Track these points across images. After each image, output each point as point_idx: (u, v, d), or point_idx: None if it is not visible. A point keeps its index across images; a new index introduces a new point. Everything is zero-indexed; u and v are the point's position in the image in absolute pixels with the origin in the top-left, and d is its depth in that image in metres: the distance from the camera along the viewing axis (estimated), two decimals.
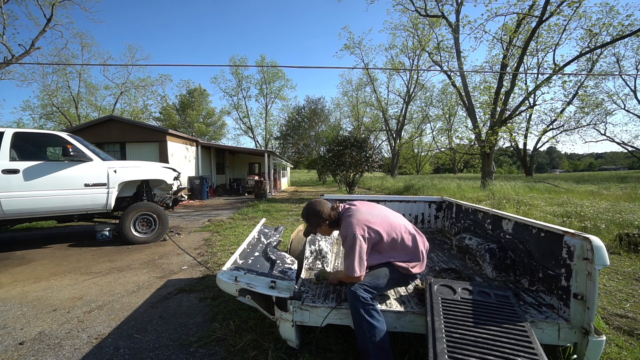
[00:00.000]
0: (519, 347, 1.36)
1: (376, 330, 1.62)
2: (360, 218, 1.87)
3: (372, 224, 1.85)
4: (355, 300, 1.68)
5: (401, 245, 1.91)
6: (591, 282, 1.51)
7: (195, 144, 13.94)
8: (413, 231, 2.00)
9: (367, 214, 1.91)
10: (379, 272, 1.87)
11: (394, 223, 1.94)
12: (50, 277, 3.52)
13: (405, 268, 1.90)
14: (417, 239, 1.97)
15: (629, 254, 3.96)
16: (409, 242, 1.93)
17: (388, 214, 2.01)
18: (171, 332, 2.25)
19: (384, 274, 1.86)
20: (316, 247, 2.62)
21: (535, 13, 11.61)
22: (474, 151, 17.00)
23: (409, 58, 26.55)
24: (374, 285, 1.77)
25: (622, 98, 26.05)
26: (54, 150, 5.53)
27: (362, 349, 1.65)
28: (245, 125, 37.87)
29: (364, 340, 1.63)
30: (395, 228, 1.92)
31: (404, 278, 1.95)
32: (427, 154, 43.20)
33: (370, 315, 1.65)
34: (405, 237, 1.93)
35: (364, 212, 1.92)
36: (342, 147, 12.01)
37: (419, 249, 1.95)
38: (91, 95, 27.77)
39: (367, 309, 1.66)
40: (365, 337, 1.62)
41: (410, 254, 1.93)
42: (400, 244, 1.90)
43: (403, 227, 1.95)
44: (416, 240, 1.96)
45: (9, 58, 15.22)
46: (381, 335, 1.62)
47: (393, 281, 1.89)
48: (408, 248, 1.93)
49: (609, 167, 68.10)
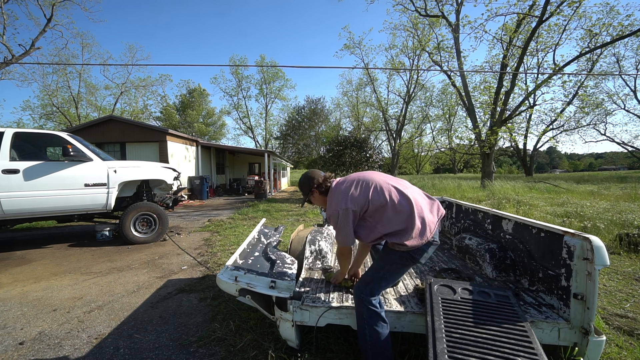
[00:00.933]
0: (519, 347, 1.36)
1: (379, 336, 1.59)
2: (343, 190, 1.76)
3: (355, 194, 1.71)
4: (361, 305, 1.65)
5: (392, 211, 1.66)
6: (591, 282, 1.51)
7: (195, 144, 13.94)
8: (409, 193, 1.71)
9: (352, 184, 1.77)
10: (377, 264, 1.81)
11: (381, 188, 1.71)
12: (50, 277, 3.52)
13: (399, 244, 1.64)
14: (410, 201, 1.67)
15: (629, 254, 3.96)
16: (399, 207, 1.66)
17: (378, 179, 1.78)
18: (171, 332, 2.25)
19: (384, 264, 1.76)
20: (316, 247, 2.62)
21: (535, 13, 11.62)
22: (474, 151, 17.01)
23: (409, 58, 26.59)
24: (378, 280, 1.70)
25: (622, 98, 26.10)
26: (54, 150, 5.53)
27: (363, 350, 1.64)
28: (245, 125, 37.89)
29: (364, 344, 1.62)
30: (382, 193, 1.69)
31: (407, 257, 1.70)
32: (427, 154, 43.19)
33: (374, 322, 1.61)
34: (395, 200, 1.67)
35: (349, 183, 1.79)
36: (342, 147, 12.02)
37: (414, 213, 1.64)
38: (91, 95, 27.78)
39: (370, 314, 1.61)
40: (365, 341, 1.62)
41: (405, 221, 1.64)
42: (390, 210, 1.66)
43: (393, 192, 1.70)
44: (408, 202, 1.67)
45: (9, 58, 15.23)
46: (383, 341, 1.60)
47: (397, 265, 1.73)
48: (400, 214, 1.66)
49: (609, 167, 68.09)
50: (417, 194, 1.80)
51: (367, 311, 1.62)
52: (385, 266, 1.75)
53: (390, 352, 1.62)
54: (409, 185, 1.82)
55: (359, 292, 1.68)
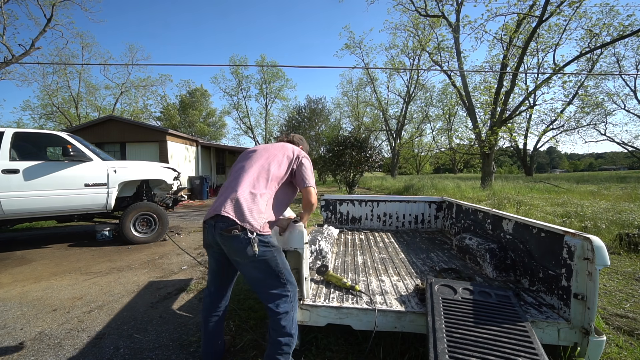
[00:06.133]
0: (519, 347, 1.36)
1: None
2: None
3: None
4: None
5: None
6: (591, 282, 1.51)
7: (195, 144, 13.93)
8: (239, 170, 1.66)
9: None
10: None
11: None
12: (50, 277, 3.52)
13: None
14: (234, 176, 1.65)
15: (629, 254, 3.96)
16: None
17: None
18: (171, 332, 2.25)
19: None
20: (316, 247, 2.62)
21: (535, 13, 11.61)
22: (474, 151, 17.01)
23: (409, 58, 26.58)
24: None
25: (622, 98, 26.06)
26: (54, 150, 5.53)
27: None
28: (245, 125, 37.82)
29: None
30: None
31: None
32: (427, 154, 43.18)
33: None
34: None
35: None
36: (342, 147, 12.00)
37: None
38: (91, 95, 27.75)
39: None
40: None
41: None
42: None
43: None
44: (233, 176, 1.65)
45: (9, 58, 15.21)
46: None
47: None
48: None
49: (609, 167, 68.11)
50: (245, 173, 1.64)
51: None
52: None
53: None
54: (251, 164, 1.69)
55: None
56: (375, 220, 4.22)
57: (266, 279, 1.51)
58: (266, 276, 1.51)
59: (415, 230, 4.10)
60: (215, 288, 1.71)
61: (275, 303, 1.51)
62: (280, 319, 1.50)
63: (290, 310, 1.55)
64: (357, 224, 4.24)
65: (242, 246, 1.42)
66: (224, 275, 1.69)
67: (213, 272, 1.70)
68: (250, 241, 1.41)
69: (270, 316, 1.53)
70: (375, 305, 1.78)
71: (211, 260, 1.68)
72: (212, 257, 1.66)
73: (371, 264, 2.62)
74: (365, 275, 2.34)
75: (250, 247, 1.41)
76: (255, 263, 1.47)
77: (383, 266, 2.57)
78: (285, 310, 1.52)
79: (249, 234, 1.42)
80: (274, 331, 1.53)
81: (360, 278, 2.29)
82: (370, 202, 4.20)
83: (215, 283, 1.70)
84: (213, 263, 1.67)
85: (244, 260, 1.47)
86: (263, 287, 1.52)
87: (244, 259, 1.46)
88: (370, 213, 4.22)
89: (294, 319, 1.57)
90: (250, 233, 1.42)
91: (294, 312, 1.57)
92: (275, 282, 1.52)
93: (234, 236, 1.42)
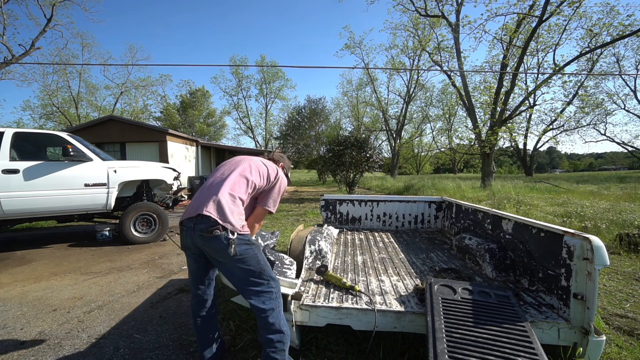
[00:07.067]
0: (519, 347, 1.36)
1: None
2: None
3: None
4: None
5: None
6: (591, 282, 1.51)
7: (195, 144, 13.94)
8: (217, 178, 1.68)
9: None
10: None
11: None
12: (50, 277, 3.52)
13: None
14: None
15: (629, 254, 3.96)
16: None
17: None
18: (171, 332, 2.25)
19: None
20: (316, 247, 2.62)
21: (535, 13, 11.61)
22: (474, 151, 17.02)
23: (409, 58, 26.59)
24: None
25: (622, 98, 26.12)
26: (54, 150, 5.52)
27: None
28: (245, 125, 37.87)
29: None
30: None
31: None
32: (427, 154, 43.19)
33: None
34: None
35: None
36: (342, 147, 11.99)
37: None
38: (91, 95, 27.81)
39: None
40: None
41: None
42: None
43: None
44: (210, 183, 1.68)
45: (9, 58, 15.22)
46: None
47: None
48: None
49: (609, 167, 68.09)
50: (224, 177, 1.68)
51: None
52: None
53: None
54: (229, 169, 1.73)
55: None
56: (375, 220, 4.22)
57: (249, 276, 1.53)
58: (249, 274, 1.53)
59: (415, 230, 4.10)
60: (198, 289, 1.71)
61: (260, 300, 1.53)
62: (267, 317, 1.52)
63: (276, 307, 1.56)
64: (356, 224, 4.24)
65: (223, 246, 1.44)
66: (204, 275, 1.71)
67: (193, 274, 1.70)
68: (231, 241, 1.44)
69: (258, 315, 1.54)
70: (374, 306, 1.77)
71: (190, 262, 1.67)
72: (191, 259, 1.66)
73: (371, 264, 2.62)
74: (365, 275, 2.34)
75: (232, 247, 1.44)
76: (237, 262, 1.49)
77: (383, 266, 2.57)
78: (271, 307, 1.54)
79: (230, 234, 1.44)
80: (264, 330, 1.54)
81: (359, 278, 2.29)
82: (370, 202, 4.20)
83: (196, 284, 1.71)
84: (192, 264, 1.67)
85: (225, 259, 1.49)
86: (247, 285, 1.54)
87: (226, 259, 1.48)
88: (370, 213, 4.22)
89: (282, 316, 1.59)
90: (232, 233, 1.45)
91: (280, 309, 1.59)
92: (259, 279, 1.54)
93: (214, 237, 1.43)
